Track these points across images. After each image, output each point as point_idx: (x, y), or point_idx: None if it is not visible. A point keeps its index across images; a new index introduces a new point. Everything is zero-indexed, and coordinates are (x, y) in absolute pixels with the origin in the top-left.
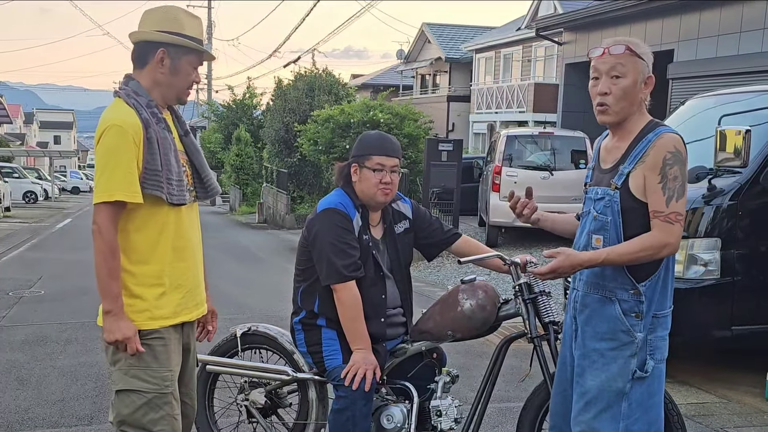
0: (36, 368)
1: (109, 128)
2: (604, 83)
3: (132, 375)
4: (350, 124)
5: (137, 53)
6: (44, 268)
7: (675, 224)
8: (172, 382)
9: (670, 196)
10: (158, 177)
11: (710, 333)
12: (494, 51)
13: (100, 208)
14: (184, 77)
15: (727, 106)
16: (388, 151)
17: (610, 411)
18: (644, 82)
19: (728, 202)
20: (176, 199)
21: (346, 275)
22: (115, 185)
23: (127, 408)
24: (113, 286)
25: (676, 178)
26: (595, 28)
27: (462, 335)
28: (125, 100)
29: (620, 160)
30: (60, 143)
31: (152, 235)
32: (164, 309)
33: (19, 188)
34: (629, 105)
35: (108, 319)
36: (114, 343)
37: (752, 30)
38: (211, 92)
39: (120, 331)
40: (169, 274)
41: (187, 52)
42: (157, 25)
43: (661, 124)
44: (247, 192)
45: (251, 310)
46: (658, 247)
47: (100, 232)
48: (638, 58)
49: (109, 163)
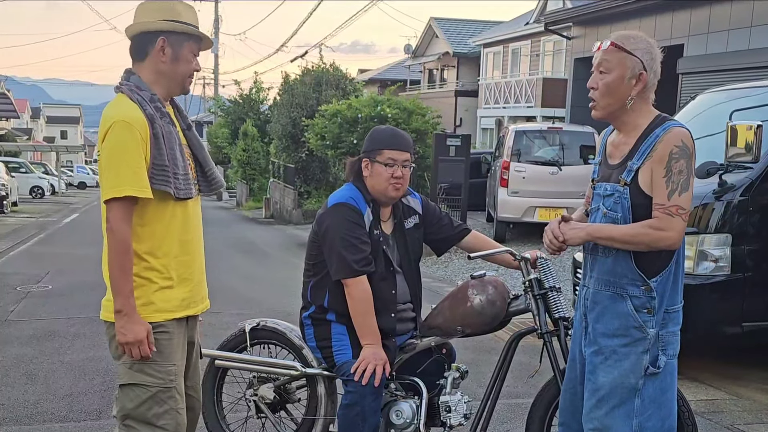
0: (44, 363)
1: (115, 124)
2: (592, 78)
3: (137, 369)
4: (358, 119)
5: (136, 46)
6: (52, 263)
7: (675, 217)
8: (176, 377)
9: (673, 189)
10: (166, 172)
11: (721, 329)
12: (502, 45)
13: (111, 205)
14: (185, 64)
15: (738, 101)
16: (399, 146)
17: (623, 408)
18: (635, 78)
19: (739, 197)
20: (183, 193)
21: (358, 270)
22: (124, 180)
23: (132, 402)
24: (126, 284)
25: (681, 172)
26: (604, 22)
27: (472, 331)
28: (128, 95)
29: (628, 156)
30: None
31: (160, 229)
32: (170, 302)
33: (26, 183)
34: (615, 101)
35: (120, 318)
36: (126, 345)
37: (763, 24)
38: (218, 87)
39: (132, 333)
40: (176, 267)
41: (187, 38)
42: (154, 15)
43: (669, 119)
44: (253, 187)
45: (259, 305)
46: (655, 238)
47: (112, 230)
48: (627, 53)
49: (116, 159)
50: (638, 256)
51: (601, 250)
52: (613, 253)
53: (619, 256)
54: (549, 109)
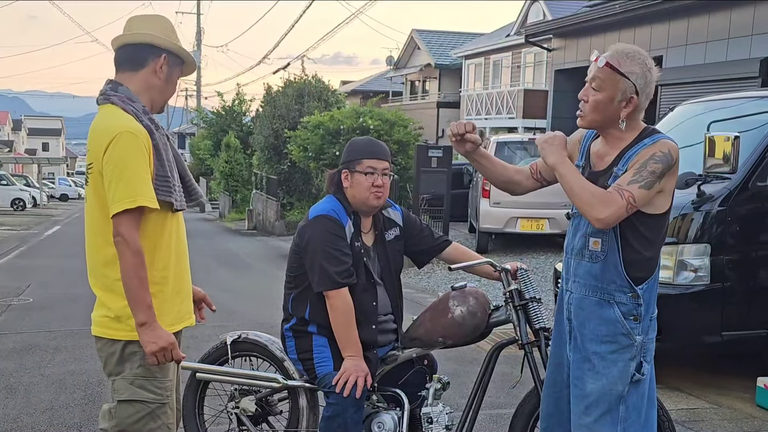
0: (24, 377)
1: (121, 135)
2: (584, 90)
3: (138, 385)
4: (340, 131)
5: (133, 55)
6: (33, 276)
7: (622, 199)
8: (171, 392)
9: (635, 180)
10: (168, 183)
11: (701, 338)
12: (484, 57)
13: (123, 217)
14: (172, 87)
15: (716, 112)
16: (378, 155)
17: (610, 415)
18: (625, 100)
19: (718, 207)
20: (180, 204)
21: (340, 282)
22: (136, 191)
23: (130, 418)
24: (146, 296)
25: (654, 173)
26: (584, 34)
27: (453, 342)
28: (121, 106)
29: (613, 163)
30: (48, 150)
31: (159, 241)
32: (170, 315)
33: (7, 195)
34: (602, 119)
35: (144, 331)
36: (159, 352)
37: (740, 36)
38: (201, 99)
39: (162, 339)
40: (173, 279)
41: (180, 63)
42: (163, 32)
43: (658, 131)
44: (236, 199)
45: (241, 318)
46: (591, 204)
47: (127, 243)
48: (620, 75)
49: (126, 170)
50: (627, 263)
51: (588, 255)
52: (602, 259)
53: (609, 262)
54: (530, 120)
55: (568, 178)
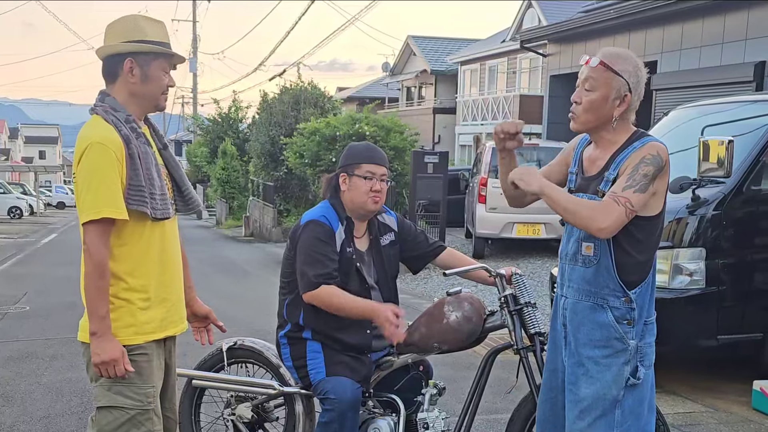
0: (21, 384)
1: (91, 146)
2: (577, 92)
3: (115, 391)
4: (336, 137)
5: (107, 68)
6: (29, 284)
7: (620, 206)
8: (154, 398)
9: (630, 185)
10: (142, 193)
11: (696, 342)
12: (479, 63)
13: (88, 228)
14: (156, 83)
15: (710, 117)
16: (376, 160)
17: (605, 419)
18: (619, 99)
19: (712, 211)
20: (160, 213)
21: (314, 282)
22: (101, 202)
23: (110, 425)
24: (101, 306)
25: (646, 175)
26: (579, 39)
27: (448, 347)
28: (103, 116)
29: (605, 167)
30: (45, 158)
31: (138, 249)
32: (150, 323)
33: (3, 203)
34: (595, 119)
35: (94, 340)
36: (101, 365)
37: (734, 41)
38: (197, 106)
39: (106, 353)
40: (155, 287)
41: (154, 57)
42: (120, 36)
43: (647, 134)
44: (233, 205)
45: (238, 324)
46: (591, 216)
47: (90, 253)
48: (614, 74)
49: (94, 181)
50: (620, 267)
51: (581, 260)
52: (595, 264)
53: (601, 266)
54: (526, 126)
55: (560, 200)
